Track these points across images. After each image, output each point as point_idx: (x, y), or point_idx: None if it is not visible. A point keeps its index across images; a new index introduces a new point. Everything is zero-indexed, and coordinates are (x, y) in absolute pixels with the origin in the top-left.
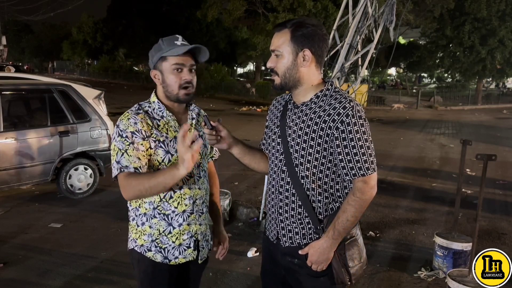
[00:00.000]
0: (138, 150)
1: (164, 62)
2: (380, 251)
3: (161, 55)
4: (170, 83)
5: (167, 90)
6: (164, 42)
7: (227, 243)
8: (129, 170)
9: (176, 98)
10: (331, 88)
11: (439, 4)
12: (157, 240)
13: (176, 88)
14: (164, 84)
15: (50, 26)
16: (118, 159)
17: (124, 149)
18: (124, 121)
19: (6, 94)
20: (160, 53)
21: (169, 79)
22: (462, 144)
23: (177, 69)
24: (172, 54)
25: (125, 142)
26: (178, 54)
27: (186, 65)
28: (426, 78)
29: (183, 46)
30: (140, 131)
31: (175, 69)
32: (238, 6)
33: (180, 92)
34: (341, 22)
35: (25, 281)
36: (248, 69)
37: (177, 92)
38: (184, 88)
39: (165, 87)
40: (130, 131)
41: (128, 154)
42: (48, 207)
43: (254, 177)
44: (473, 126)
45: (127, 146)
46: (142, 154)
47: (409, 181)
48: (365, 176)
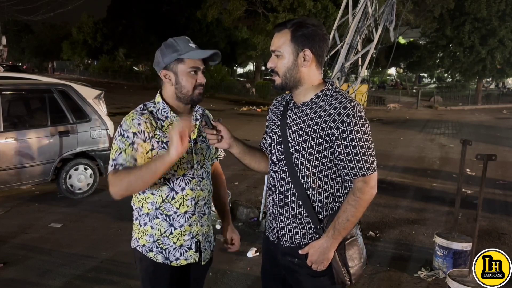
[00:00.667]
0: (137, 151)
1: (180, 64)
2: (380, 251)
3: (178, 56)
4: (185, 85)
5: (181, 92)
6: (179, 44)
7: (238, 240)
8: None
9: (190, 99)
10: (331, 88)
11: (439, 4)
12: (158, 241)
13: (191, 89)
14: (178, 86)
15: (50, 26)
16: (115, 157)
17: (123, 148)
18: (128, 121)
19: (6, 94)
20: (176, 54)
21: (184, 81)
22: (462, 144)
23: (194, 72)
24: (191, 57)
25: (125, 142)
26: (198, 57)
27: (201, 68)
28: (426, 78)
29: (200, 50)
30: (142, 132)
31: (191, 72)
32: (238, 6)
33: (194, 93)
34: (341, 22)
35: (25, 281)
36: (248, 69)
37: (191, 93)
38: (197, 90)
39: (178, 88)
40: (132, 131)
41: (125, 153)
42: (48, 207)
43: (254, 177)
44: (473, 126)
45: (126, 146)
46: (140, 156)
47: (409, 181)
48: (366, 176)
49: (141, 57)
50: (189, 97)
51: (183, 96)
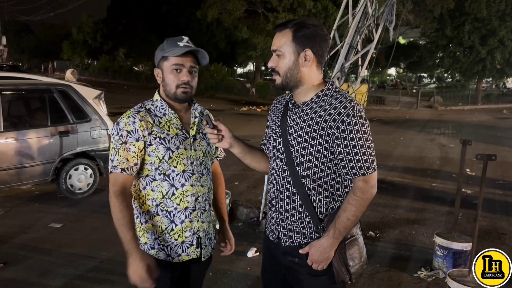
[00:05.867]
0: (129, 151)
1: (165, 61)
2: (380, 251)
3: (162, 54)
4: (168, 82)
5: (166, 89)
6: (167, 42)
7: (233, 243)
8: (116, 171)
9: (174, 96)
10: (331, 88)
11: (439, 4)
12: (160, 238)
13: (174, 87)
14: (164, 83)
15: (50, 26)
16: (112, 157)
17: (118, 148)
18: (124, 119)
19: (6, 94)
20: (163, 52)
21: (168, 78)
22: (462, 144)
23: (176, 69)
24: (172, 54)
25: (119, 141)
26: (177, 54)
27: (186, 66)
28: (426, 78)
29: (183, 47)
30: (136, 131)
31: (174, 69)
32: (238, 6)
33: (177, 91)
34: (341, 22)
35: (25, 281)
36: (248, 69)
37: (174, 91)
38: (181, 88)
39: (164, 85)
40: (126, 130)
41: (118, 154)
42: (48, 207)
43: (254, 177)
44: (473, 126)
45: (120, 146)
46: (132, 155)
47: (409, 181)
48: (366, 175)
49: (141, 57)
50: (173, 95)
51: (168, 93)
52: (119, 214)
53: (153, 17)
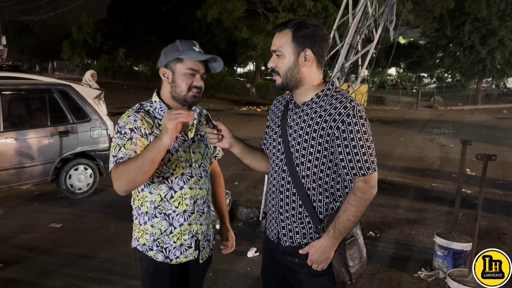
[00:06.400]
0: (136, 145)
1: (179, 63)
2: (380, 251)
3: (178, 55)
4: (180, 84)
5: (175, 91)
6: (182, 44)
7: (233, 242)
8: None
9: (183, 99)
10: (332, 88)
11: (439, 4)
12: (158, 240)
13: (185, 90)
14: (173, 84)
15: (50, 26)
16: (115, 153)
17: (122, 144)
18: (124, 119)
19: (6, 94)
20: (177, 54)
21: (180, 81)
22: (462, 144)
23: (191, 73)
24: (190, 58)
25: (123, 138)
26: (196, 59)
27: (200, 72)
28: (426, 78)
29: (199, 53)
30: (139, 128)
31: (189, 73)
32: (238, 6)
33: (188, 94)
34: (341, 22)
35: (25, 281)
36: (248, 69)
37: (185, 94)
38: (192, 92)
39: (173, 87)
40: (129, 127)
41: (125, 148)
42: (48, 207)
43: (254, 177)
44: (473, 126)
45: (125, 142)
46: (140, 149)
47: (409, 181)
48: (366, 175)
49: (141, 57)
50: (183, 98)
51: (177, 95)
52: (131, 164)
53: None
